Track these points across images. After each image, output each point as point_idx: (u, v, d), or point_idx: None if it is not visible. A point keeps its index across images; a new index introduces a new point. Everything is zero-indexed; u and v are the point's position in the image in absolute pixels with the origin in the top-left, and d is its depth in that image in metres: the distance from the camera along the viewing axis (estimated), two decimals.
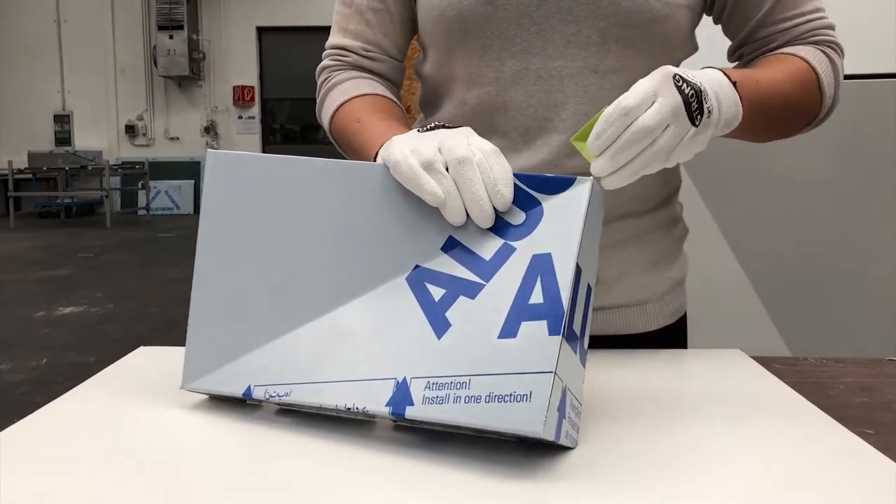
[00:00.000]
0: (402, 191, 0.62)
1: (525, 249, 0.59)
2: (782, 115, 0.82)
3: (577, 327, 0.58)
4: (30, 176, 10.82)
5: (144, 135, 12.18)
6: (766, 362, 0.83)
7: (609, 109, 0.61)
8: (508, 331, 0.57)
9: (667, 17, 0.81)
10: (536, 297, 0.57)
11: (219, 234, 0.70)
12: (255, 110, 12.07)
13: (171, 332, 4.35)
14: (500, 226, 0.60)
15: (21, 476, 0.54)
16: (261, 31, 11.78)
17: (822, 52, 0.85)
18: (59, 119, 12.01)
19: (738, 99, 0.69)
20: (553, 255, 0.57)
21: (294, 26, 11.22)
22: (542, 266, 0.57)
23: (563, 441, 0.57)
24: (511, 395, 0.55)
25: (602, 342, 0.89)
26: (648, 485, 0.52)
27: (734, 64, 0.93)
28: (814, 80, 0.83)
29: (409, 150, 0.62)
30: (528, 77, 0.84)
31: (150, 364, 0.83)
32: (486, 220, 0.59)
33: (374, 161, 0.72)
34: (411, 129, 0.98)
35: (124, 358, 0.85)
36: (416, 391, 0.58)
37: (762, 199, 1.94)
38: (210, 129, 12.11)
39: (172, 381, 0.70)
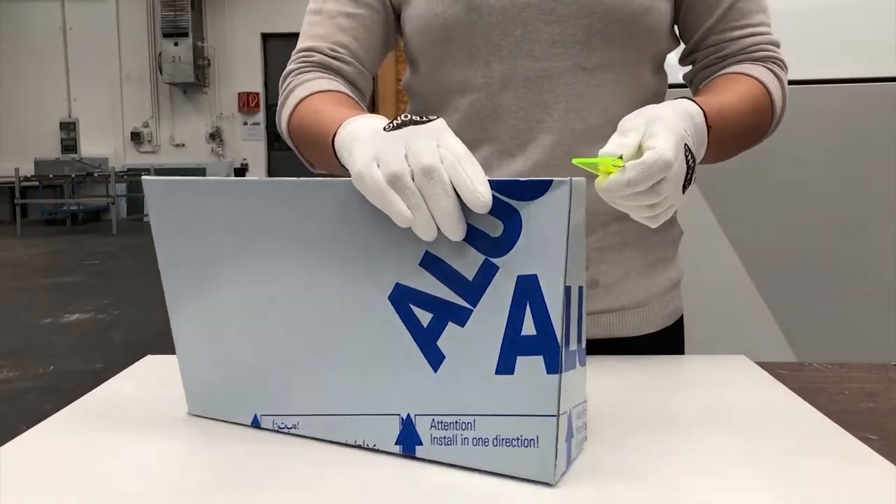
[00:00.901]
0: (369, 203, 0.57)
1: (509, 269, 0.55)
2: (737, 144, 0.84)
3: (573, 342, 0.57)
4: (36, 183, 10.87)
5: (150, 142, 12.23)
6: (770, 368, 0.83)
7: (651, 158, 0.59)
8: (505, 366, 0.56)
9: (648, 10, 0.83)
10: (528, 328, 0.55)
11: (180, 265, 0.68)
12: (261, 116, 12.10)
13: None
14: (477, 238, 0.55)
15: (21, 490, 0.54)
16: (265, 37, 11.82)
17: (772, 71, 0.87)
18: (65, 126, 12.07)
19: (706, 142, 0.71)
20: (539, 277, 0.54)
21: (298, 32, 11.23)
22: (529, 290, 0.55)
23: (574, 455, 0.58)
24: (518, 438, 0.55)
25: (602, 345, 0.89)
26: (650, 489, 0.52)
27: (688, 69, 0.95)
28: (768, 105, 0.85)
29: (372, 157, 0.56)
30: (517, 80, 0.85)
31: (155, 374, 0.83)
32: (457, 235, 0.55)
33: (333, 145, 0.69)
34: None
35: (130, 367, 0.85)
36: (423, 430, 0.59)
37: (765, 202, 1.93)
38: (215, 136, 12.15)
39: (178, 392, 0.70)
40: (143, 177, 0.67)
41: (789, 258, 1.93)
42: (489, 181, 0.54)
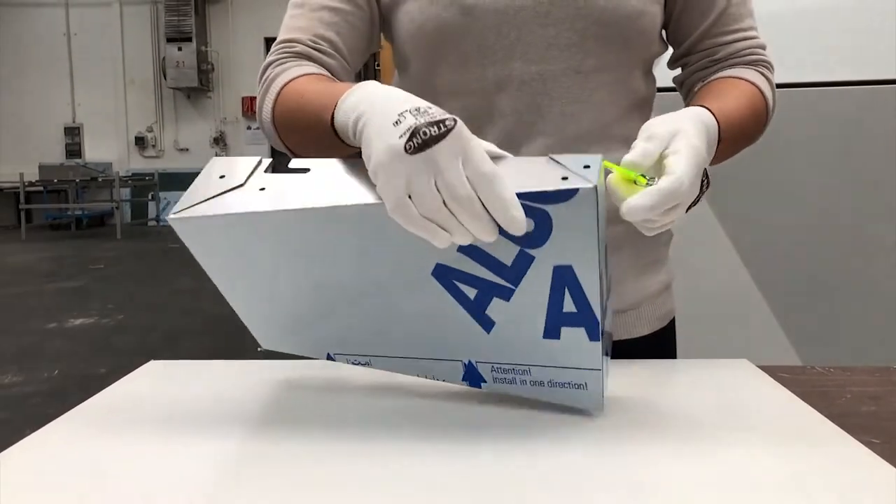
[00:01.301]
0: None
1: (544, 259, 0.59)
2: (736, 148, 0.85)
3: (605, 306, 0.64)
4: (41, 188, 10.91)
5: (154, 146, 12.25)
6: (773, 371, 0.83)
7: (672, 187, 0.61)
8: (551, 332, 0.63)
9: (642, 13, 0.84)
10: (569, 306, 0.61)
11: (234, 279, 0.70)
12: None
13: (182, 342, 4.36)
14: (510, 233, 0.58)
15: (24, 494, 0.55)
16: (269, 41, 11.82)
17: (763, 74, 0.89)
18: (69, 131, 12.10)
19: (714, 151, 0.73)
20: (575, 268, 0.59)
21: None
22: (566, 278, 0.60)
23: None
24: (569, 383, 0.66)
25: None
26: (653, 491, 0.52)
27: (677, 72, 0.96)
28: (763, 108, 0.87)
29: (404, 192, 0.55)
30: (512, 83, 0.85)
31: (159, 378, 0.83)
32: (490, 239, 0.57)
33: (332, 118, 0.68)
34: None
35: (133, 372, 0.85)
36: (485, 372, 0.69)
37: (768, 205, 1.93)
38: (219, 140, 12.18)
39: (181, 396, 0.71)
40: (171, 217, 0.65)
41: (792, 261, 1.93)
42: (518, 193, 0.56)
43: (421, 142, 0.56)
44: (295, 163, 0.65)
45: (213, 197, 0.64)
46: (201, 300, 5.15)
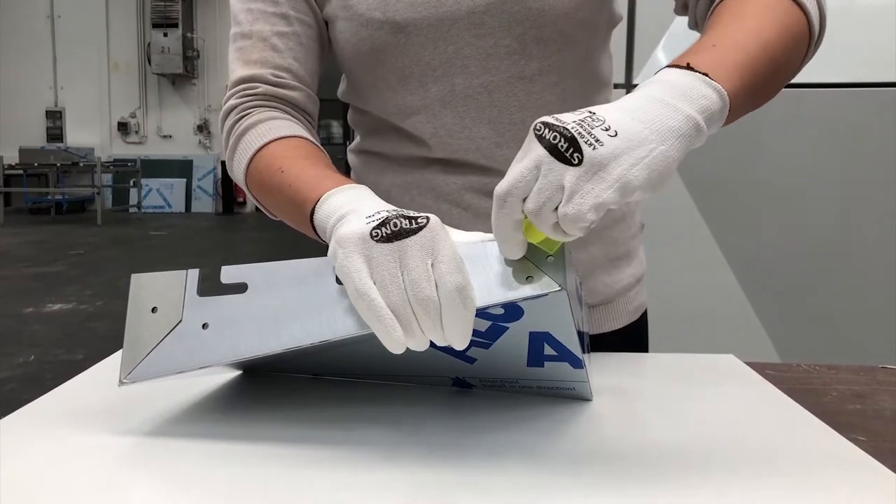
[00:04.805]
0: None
1: (519, 328, 0.60)
2: (774, 72, 0.63)
3: (580, 319, 0.63)
4: (21, 172, 10.80)
5: (137, 132, 12.17)
6: (759, 368, 0.82)
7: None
8: (534, 363, 0.65)
9: (579, 5, 0.79)
10: (549, 351, 0.62)
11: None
12: None
13: None
14: (480, 313, 0.54)
15: (7, 471, 0.53)
16: None
17: None
18: (51, 115, 11.98)
19: (710, 88, 0.53)
20: (552, 333, 0.60)
21: None
22: (544, 338, 0.61)
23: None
24: (557, 389, 0.68)
25: None
26: (642, 488, 0.52)
27: (686, 19, 0.80)
28: (795, 11, 0.66)
29: (368, 277, 0.52)
30: (456, 98, 0.81)
31: None
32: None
33: (311, 218, 0.65)
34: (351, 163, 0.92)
35: (108, 358, 0.84)
36: (474, 382, 0.71)
37: (753, 204, 1.94)
38: (203, 128, 12.11)
39: (156, 383, 0.69)
40: (121, 383, 0.61)
41: (776, 260, 1.94)
42: (484, 310, 0.54)
43: (390, 232, 0.53)
44: (226, 275, 0.60)
45: (157, 345, 0.61)
46: None
